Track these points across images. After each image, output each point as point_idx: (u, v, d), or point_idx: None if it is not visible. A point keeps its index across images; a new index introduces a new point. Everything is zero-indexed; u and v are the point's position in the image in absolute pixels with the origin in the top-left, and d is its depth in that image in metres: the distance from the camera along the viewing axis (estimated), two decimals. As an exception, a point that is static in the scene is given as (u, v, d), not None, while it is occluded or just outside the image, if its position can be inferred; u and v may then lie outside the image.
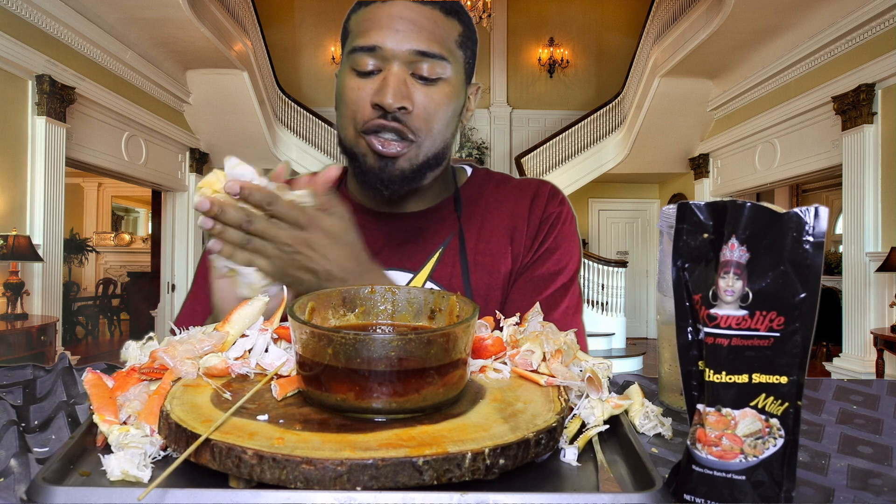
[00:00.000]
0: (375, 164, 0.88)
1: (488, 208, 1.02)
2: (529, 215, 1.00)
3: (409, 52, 0.85)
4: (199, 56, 7.52)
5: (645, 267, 11.12)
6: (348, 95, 0.88)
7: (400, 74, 0.85)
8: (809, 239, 0.40)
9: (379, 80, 0.86)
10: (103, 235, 12.55)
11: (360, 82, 0.87)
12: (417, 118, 0.87)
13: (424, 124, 0.87)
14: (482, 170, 1.09)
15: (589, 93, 11.44)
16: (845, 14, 5.83)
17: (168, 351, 0.56)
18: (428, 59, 0.86)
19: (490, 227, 0.99)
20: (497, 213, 1.01)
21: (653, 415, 0.57)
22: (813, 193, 10.15)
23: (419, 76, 0.87)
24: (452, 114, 0.91)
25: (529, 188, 1.03)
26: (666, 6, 8.37)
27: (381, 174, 0.88)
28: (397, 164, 0.88)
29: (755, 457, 0.41)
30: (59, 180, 5.70)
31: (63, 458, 0.44)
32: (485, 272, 0.96)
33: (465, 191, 1.04)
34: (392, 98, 0.84)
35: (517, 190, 1.03)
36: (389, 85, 0.84)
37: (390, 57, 0.85)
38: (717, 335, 0.41)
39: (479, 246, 0.98)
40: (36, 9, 5.41)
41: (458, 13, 0.91)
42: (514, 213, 1.00)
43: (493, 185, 1.05)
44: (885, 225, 5.56)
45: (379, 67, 0.86)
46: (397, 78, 0.85)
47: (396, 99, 0.84)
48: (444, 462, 0.41)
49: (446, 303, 0.59)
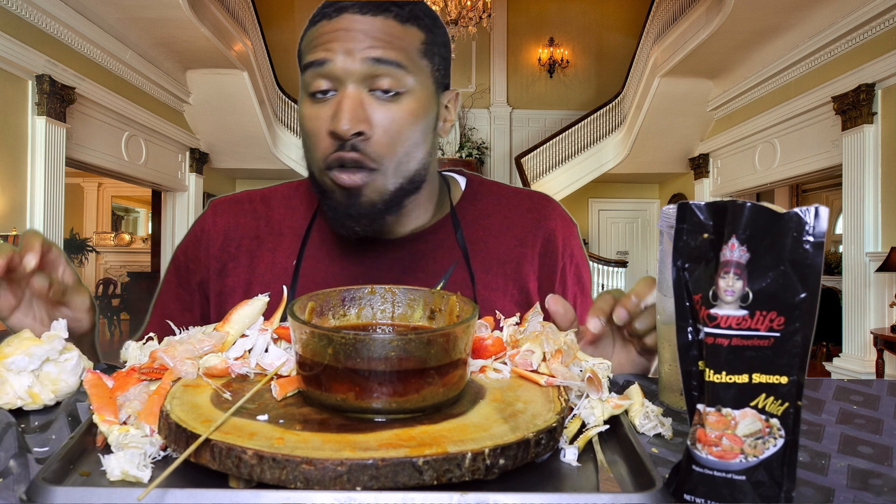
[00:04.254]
0: (342, 199, 0.81)
1: (491, 231, 0.94)
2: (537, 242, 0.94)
3: (362, 64, 0.78)
4: (199, 56, 7.52)
5: (645, 267, 11.12)
6: (307, 126, 0.82)
7: (355, 95, 0.78)
8: (810, 239, 0.40)
9: (334, 104, 0.79)
10: (103, 235, 12.56)
11: (316, 109, 0.80)
12: (377, 143, 0.79)
13: (387, 148, 0.80)
14: (476, 180, 1.01)
15: (589, 93, 11.45)
16: (845, 14, 5.83)
17: (168, 351, 0.56)
18: (385, 69, 0.78)
19: (495, 256, 0.92)
20: (502, 239, 0.93)
21: (653, 415, 0.57)
22: (813, 193, 10.15)
23: (379, 91, 0.79)
24: (423, 130, 0.83)
25: (533, 208, 0.97)
26: (666, 6, 8.38)
27: (349, 209, 0.81)
28: (363, 196, 0.81)
29: (755, 457, 0.41)
30: (59, 180, 5.71)
31: (63, 459, 0.44)
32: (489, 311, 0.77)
33: (463, 208, 0.95)
34: (347, 123, 0.76)
35: (520, 210, 0.96)
36: (343, 109, 0.77)
37: (342, 74, 0.78)
38: (717, 335, 0.41)
39: (485, 279, 0.91)
40: (36, 9, 5.42)
41: (416, 19, 0.82)
42: (523, 240, 0.94)
43: (493, 201, 0.97)
44: (885, 225, 5.56)
45: (334, 88, 0.79)
46: (352, 99, 0.78)
47: (352, 124, 0.77)
48: (444, 462, 0.41)
49: (446, 303, 0.59)
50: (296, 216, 0.95)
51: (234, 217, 0.95)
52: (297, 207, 0.96)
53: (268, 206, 0.96)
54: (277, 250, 0.92)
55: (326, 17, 0.81)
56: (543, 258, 0.95)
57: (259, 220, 0.95)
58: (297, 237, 0.93)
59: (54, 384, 0.59)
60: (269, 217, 0.95)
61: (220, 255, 0.93)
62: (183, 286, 0.95)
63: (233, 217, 0.95)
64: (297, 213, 0.95)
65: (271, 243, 0.93)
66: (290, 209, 0.96)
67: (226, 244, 0.94)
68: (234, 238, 0.94)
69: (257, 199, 0.97)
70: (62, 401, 0.60)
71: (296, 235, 0.93)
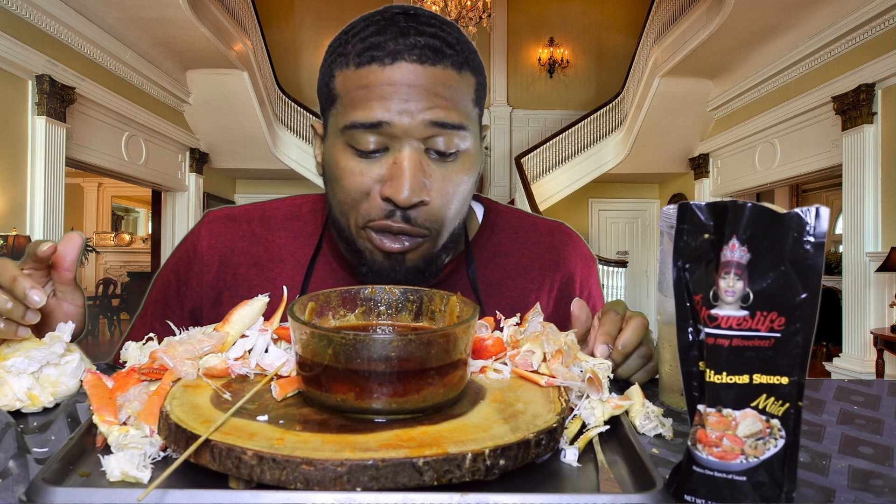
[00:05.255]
0: (383, 262, 0.75)
1: (507, 272, 0.89)
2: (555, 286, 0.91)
3: (423, 127, 0.70)
4: (199, 56, 7.52)
5: (645, 267, 11.12)
6: (347, 181, 0.73)
7: (415, 159, 0.70)
8: (810, 239, 0.40)
9: (387, 164, 0.71)
10: (103, 235, 12.56)
11: (362, 165, 0.72)
12: (432, 211, 0.73)
13: (441, 214, 0.74)
14: (493, 209, 0.94)
15: (589, 93, 11.44)
16: (845, 14, 5.83)
17: (168, 351, 0.56)
18: (446, 132, 0.71)
19: (509, 299, 0.88)
20: (518, 281, 0.89)
21: (653, 415, 0.57)
22: (813, 193, 10.15)
23: (435, 152, 0.72)
24: (472, 186, 0.77)
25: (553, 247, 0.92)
26: (666, 6, 8.37)
27: (393, 274, 0.75)
28: (408, 261, 0.75)
29: (756, 457, 0.41)
30: (59, 180, 5.71)
31: (62, 459, 0.44)
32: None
33: (478, 244, 0.89)
34: (409, 192, 0.69)
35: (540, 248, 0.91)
36: (405, 177, 0.69)
37: (401, 135, 0.70)
38: (717, 336, 0.41)
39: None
40: (36, 9, 5.42)
41: (469, 63, 0.74)
42: (540, 283, 0.90)
43: (511, 235, 0.92)
44: (885, 225, 5.56)
45: (385, 146, 0.71)
46: (413, 164, 0.70)
47: (414, 193, 0.70)
48: (445, 463, 0.41)
49: (446, 303, 0.59)
50: (298, 241, 0.89)
51: (231, 241, 0.88)
52: (300, 231, 0.90)
53: (268, 229, 0.90)
54: (278, 280, 0.86)
55: (378, 62, 0.70)
56: (559, 302, 0.91)
57: (258, 245, 0.88)
58: (299, 266, 0.87)
59: (54, 386, 0.59)
60: (270, 241, 0.89)
61: (216, 283, 0.87)
62: (172, 310, 0.89)
63: (229, 241, 0.88)
64: (300, 237, 0.89)
65: (272, 272, 0.87)
66: (292, 233, 0.89)
67: (221, 271, 0.87)
68: (231, 265, 0.87)
69: (256, 218, 0.90)
70: (61, 402, 0.59)
71: (298, 264, 0.87)
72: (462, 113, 0.72)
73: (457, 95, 0.72)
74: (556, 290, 0.91)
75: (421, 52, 0.70)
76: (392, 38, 0.71)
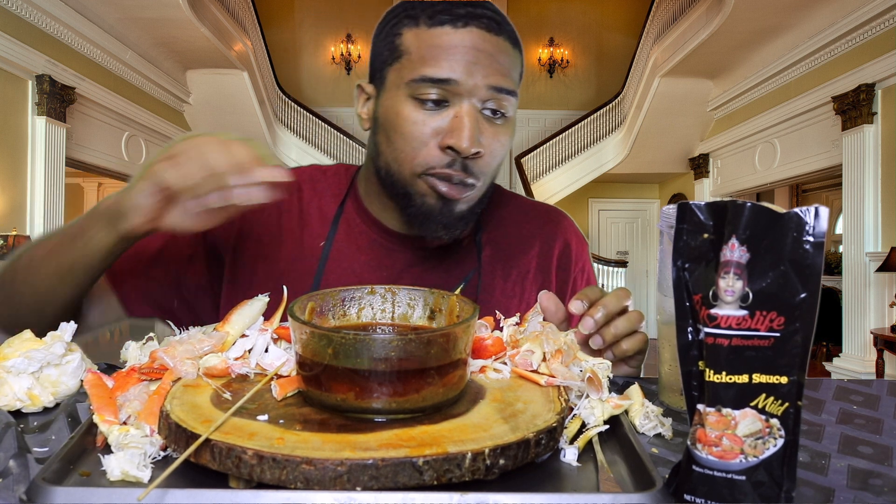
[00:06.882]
0: (436, 206, 0.82)
1: (512, 240, 0.97)
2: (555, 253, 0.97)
3: (486, 89, 0.78)
4: (199, 56, 7.52)
5: (645, 267, 11.12)
6: (408, 129, 0.79)
7: (473, 114, 0.78)
8: (810, 239, 0.40)
9: (448, 117, 0.79)
10: (103, 235, 12.55)
11: (424, 115, 0.79)
12: (484, 164, 0.81)
13: (489, 168, 0.82)
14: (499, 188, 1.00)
15: (589, 93, 11.44)
16: (845, 14, 5.83)
17: (168, 351, 0.56)
18: (501, 96, 0.80)
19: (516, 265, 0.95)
20: (524, 248, 0.96)
21: (653, 415, 0.57)
22: (813, 193, 10.15)
23: (489, 112, 0.80)
24: (508, 149, 0.86)
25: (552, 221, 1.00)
26: (666, 6, 8.37)
27: (441, 217, 0.82)
28: (457, 207, 0.82)
29: (755, 457, 0.41)
30: (59, 180, 5.71)
31: (63, 459, 0.44)
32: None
33: (488, 213, 0.96)
34: (468, 142, 0.77)
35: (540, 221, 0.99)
36: (466, 127, 0.77)
37: (465, 93, 0.78)
38: (717, 335, 0.41)
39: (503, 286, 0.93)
40: (36, 9, 5.42)
41: (518, 43, 0.85)
42: (542, 250, 0.97)
43: (516, 210, 1.00)
44: (885, 225, 5.56)
45: (445, 99, 0.78)
46: (472, 118, 0.78)
47: (473, 143, 0.77)
48: (444, 462, 0.41)
49: (446, 303, 0.59)
50: (323, 200, 0.94)
51: None
52: (324, 192, 0.95)
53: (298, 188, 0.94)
54: (304, 229, 0.91)
55: (451, 24, 0.78)
56: (559, 270, 0.98)
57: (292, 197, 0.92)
58: (324, 220, 0.92)
59: (54, 386, 0.59)
60: (297, 195, 0.93)
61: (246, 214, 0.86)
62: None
63: None
64: (324, 197, 0.94)
65: (299, 220, 0.92)
66: (316, 192, 0.95)
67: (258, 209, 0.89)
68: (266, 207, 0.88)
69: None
70: (61, 402, 0.60)
71: (323, 218, 0.92)
72: (514, 81, 0.82)
73: (511, 65, 0.82)
74: (556, 258, 0.98)
75: (488, 21, 0.80)
76: (462, 5, 0.80)
